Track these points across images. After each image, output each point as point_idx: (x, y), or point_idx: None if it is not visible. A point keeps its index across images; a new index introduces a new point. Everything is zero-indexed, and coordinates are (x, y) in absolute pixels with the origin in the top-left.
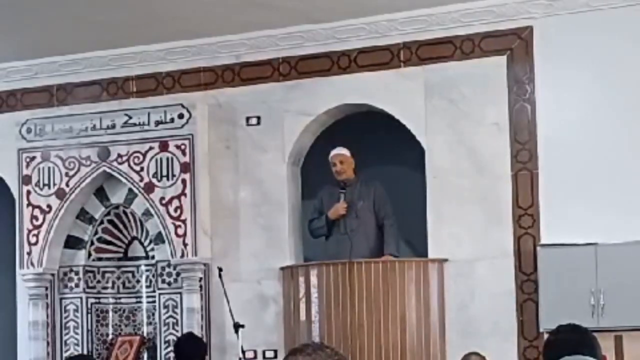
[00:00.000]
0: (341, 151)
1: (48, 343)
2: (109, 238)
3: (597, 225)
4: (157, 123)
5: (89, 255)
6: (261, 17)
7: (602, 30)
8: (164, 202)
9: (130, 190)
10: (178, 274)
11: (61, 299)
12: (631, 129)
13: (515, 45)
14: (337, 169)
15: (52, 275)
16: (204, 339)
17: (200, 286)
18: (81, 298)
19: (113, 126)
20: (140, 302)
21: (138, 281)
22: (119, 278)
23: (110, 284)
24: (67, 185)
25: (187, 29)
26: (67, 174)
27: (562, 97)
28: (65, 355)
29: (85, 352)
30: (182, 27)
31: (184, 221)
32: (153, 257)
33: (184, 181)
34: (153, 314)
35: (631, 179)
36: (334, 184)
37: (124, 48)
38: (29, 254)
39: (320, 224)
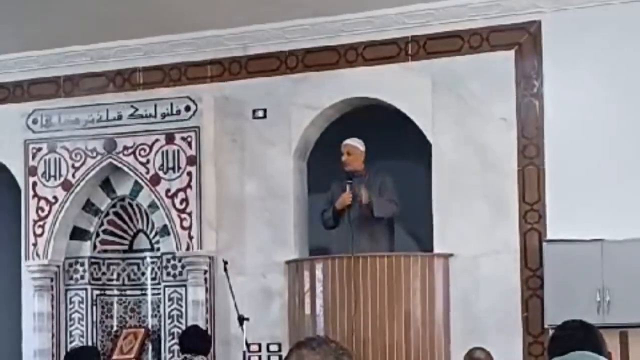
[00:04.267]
0: (351, 142)
1: (53, 334)
2: (114, 230)
3: (604, 221)
4: (164, 115)
5: (95, 247)
6: (268, 10)
7: (611, 25)
8: (169, 194)
9: (136, 182)
10: (183, 267)
11: (66, 290)
12: (639, 125)
13: (523, 40)
14: (343, 159)
15: (58, 266)
16: (209, 332)
17: (205, 279)
18: (86, 290)
19: (119, 118)
20: (145, 294)
21: (143, 273)
22: (124, 270)
23: (115, 276)
24: (73, 176)
25: (194, 21)
26: (73, 166)
27: (570, 92)
28: (70, 346)
29: (90, 343)
30: (189, 19)
31: (189, 214)
32: (158, 250)
33: (189, 174)
34: (158, 307)
35: (638, 176)
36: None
37: (130, 40)
38: (34, 245)
39: (328, 215)
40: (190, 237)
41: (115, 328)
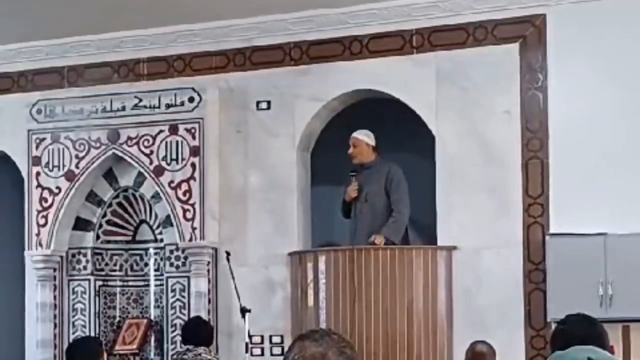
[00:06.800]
0: (356, 134)
1: (55, 325)
2: (117, 221)
3: (607, 215)
4: (168, 106)
5: (98, 237)
6: (273, 1)
7: (616, 19)
8: (173, 185)
9: (139, 173)
10: (186, 258)
11: (69, 281)
12: None
13: (528, 33)
14: (349, 152)
15: (61, 257)
16: (211, 323)
17: (208, 270)
18: (89, 280)
19: (123, 108)
20: (148, 285)
21: (146, 264)
22: (127, 261)
23: (118, 267)
24: (76, 167)
25: (199, 12)
26: (76, 156)
27: (574, 86)
28: (72, 337)
29: (92, 334)
30: (194, 10)
31: (192, 205)
32: (161, 241)
33: (193, 165)
34: (161, 297)
35: None
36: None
37: (135, 30)
38: (37, 235)
39: (341, 206)
40: (193, 228)
41: (117, 319)
